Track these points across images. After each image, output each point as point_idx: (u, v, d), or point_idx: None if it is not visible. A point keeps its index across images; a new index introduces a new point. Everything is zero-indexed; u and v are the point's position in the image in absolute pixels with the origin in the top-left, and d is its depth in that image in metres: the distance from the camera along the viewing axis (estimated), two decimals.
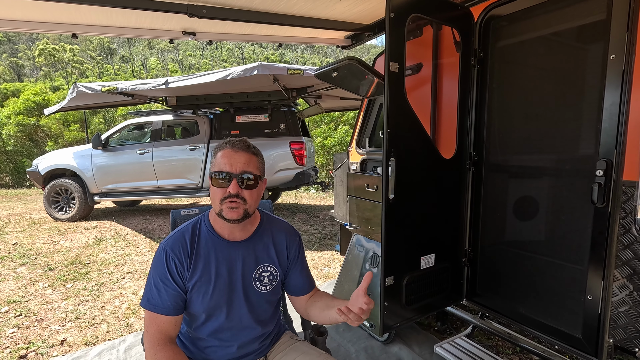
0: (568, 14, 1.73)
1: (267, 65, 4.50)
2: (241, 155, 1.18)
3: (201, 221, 1.27)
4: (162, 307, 1.15)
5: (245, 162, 1.18)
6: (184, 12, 2.32)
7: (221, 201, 1.17)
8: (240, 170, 1.16)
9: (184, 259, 1.18)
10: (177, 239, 1.21)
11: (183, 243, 1.20)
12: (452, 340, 2.25)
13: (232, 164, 1.16)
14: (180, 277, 1.17)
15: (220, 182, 1.16)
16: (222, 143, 1.22)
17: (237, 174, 1.16)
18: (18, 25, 2.65)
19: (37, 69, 55.62)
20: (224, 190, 1.16)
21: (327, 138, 12.22)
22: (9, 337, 2.57)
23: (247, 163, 1.18)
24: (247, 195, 1.17)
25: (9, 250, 4.52)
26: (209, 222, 1.26)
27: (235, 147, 1.19)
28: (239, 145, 1.19)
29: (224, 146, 1.20)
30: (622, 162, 1.52)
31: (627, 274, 1.58)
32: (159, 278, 1.17)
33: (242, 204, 1.17)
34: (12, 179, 13.33)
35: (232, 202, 1.16)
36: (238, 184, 1.16)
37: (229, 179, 1.16)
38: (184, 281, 1.18)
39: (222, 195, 1.16)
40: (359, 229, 2.72)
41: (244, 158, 1.18)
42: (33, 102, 14.51)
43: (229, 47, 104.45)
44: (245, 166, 1.17)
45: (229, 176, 1.16)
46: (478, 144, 2.15)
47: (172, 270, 1.17)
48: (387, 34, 1.71)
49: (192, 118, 6.28)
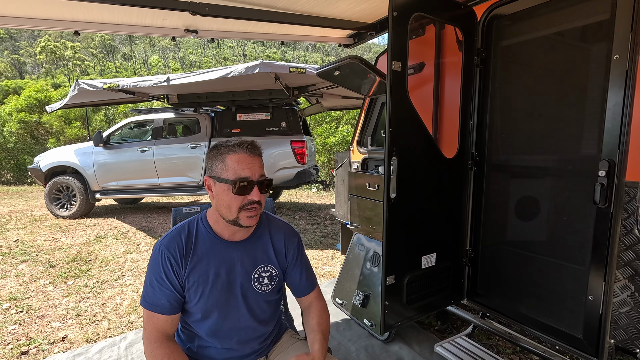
0: (571, 13, 1.72)
1: (269, 63, 4.49)
2: (257, 160, 1.16)
3: (198, 221, 1.26)
4: (158, 306, 1.15)
5: (261, 166, 1.17)
6: (186, 9, 2.32)
7: (240, 209, 1.14)
8: (259, 176, 1.15)
9: (180, 258, 1.17)
10: (172, 238, 1.20)
11: (179, 242, 1.19)
12: (453, 339, 2.25)
13: (252, 169, 1.13)
14: (176, 277, 1.17)
15: (242, 190, 1.12)
16: (230, 146, 1.14)
17: (258, 181, 1.14)
18: (20, 22, 2.65)
19: (39, 66, 55.66)
20: (244, 198, 1.13)
21: (329, 137, 12.20)
22: (11, 334, 2.58)
23: (262, 167, 1.17)
24: (263, 199, 1.18)
25: (11, 247, 4.53)
26: (207, 223, 1.24)
27: (249, 151, 1.15)
28: (254, 151, 1.16)
29: (237, 150, 1.13)
30: (624, 162, 1.52)
31: (629, 275, 1.58)
32: (154, 277, 1.16)
33: (259, 208, 1.17)
34: (14, 176, 13.36)
35: (251, 209, 1.14)
36: (259, 189, 1.14)
37: (250, 186, 1.13)
38: (180, 280, 1.17)
39: (242, 202, 1.13)
40: (359, 228, 2.72)
41: (259, 162, 1.17)
42: (35, 99, 14.52)
43: (230, 45, 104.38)
44: (262, 170, 1.16)
45: (251, 183, 1.13)
46: (480, 143, 2.14)
47: (167, 270, 1.16)
48: (389, 33, 1.70)
49: (193, 116, 6.27)
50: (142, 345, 1.15)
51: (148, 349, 1.13)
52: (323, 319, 1.33)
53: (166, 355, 1.11)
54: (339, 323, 2.65)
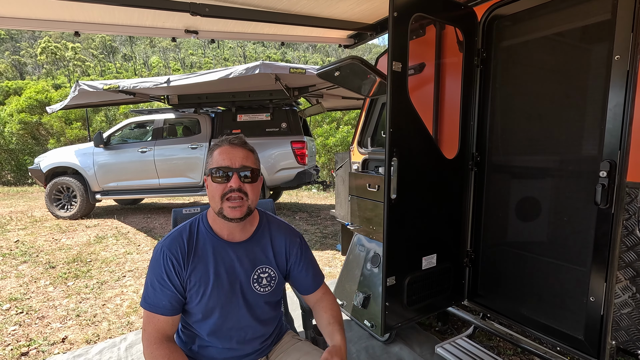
0: (572, 14, 1.72)
1: (269, 64, 4.49)
2: (239, 151, 1.18)
3: (199, 221, 1.26)
4: (159, 307, 1.15)
5: (243, 156, 1.18)
6: (187, 10, 2.32)
7: (222, 198, 1.15)
8: (239, 165, 1.16)
9: (182, 259, 1.18)
10: (174, 239, 1.20)
11: (180, 243, 1.19)
12: (453, 340, 2.24)
13: (231, 159, 1.16)
14: (177, 277, 1.17)
15: (221, 178, 1.15)
16: (218, 141, 1.22)
17: (237, 168, 1.16)
18: (21, 22, 2.65)
19: (39, 66, 55.74)
20: (225, 186, 1.15)
21: (329, 137, 12.20)
22: (11, 335, 2.58)
23: (245, 158, 1.18)
24: (249, 190, 1.17)
25: (11, 248, 4.53)
26: (207, 223, 1.25)
27: (232, 143, 1.19)
28: (236, 141, 1.20)
29: (221, 144, 1.20)
30: (626, 163, 1.51)
31: (630, 276, 1.57)
32: (156, 278, 1.16)
33: (245, 200, 1.17)
34: (14, 177, 13.36)
35: (234, 199, 1.15)
36: (239, 178, 1.15)
37: (229, 174, 1.15)
38: (182, 281, 1.17)
39: (223, 191, 1.15)
40: (360, 229, 2.72)
41: (242, 153, 1.18)
42: (35, 100, 14.54)
43: (230, 46, 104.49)
44: (244, 161, 1.17)
45: (230, 171, 1.15)
46: (480, 144, 2.14)
47: (169, 271, 1.16)
48: (390, 34, 1.70)
49: (193, 117, 6.28)
50: (142, 346, 1.14)
51: (148, 350, 1.13)
52: (335, 310, 1.34)
53: (166, 356, 1.11)
54: None
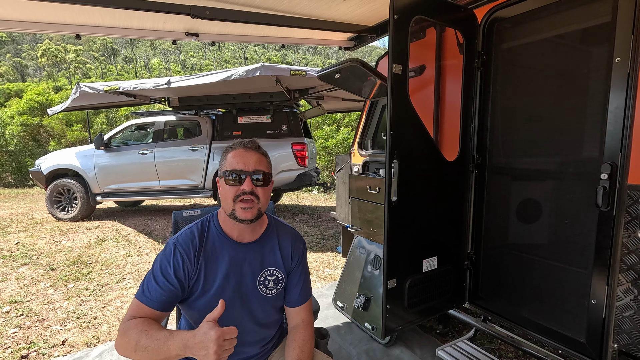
0: (573, 16, 1.72)
1: (270, 66, 4.50)
2: (253, 155, 1.20)
3: (210, 220, 1.28)
4: (152, 300, 1.13)
5: (257, 160, 1.20)
6: (187, 13, 2.32)
7: (234, 200, 1.17)
8: (253, 169, 1.18)
9: (192, 256, 1.19)
10: (187, 237, 1.21)
11: (193, 241, 1.21)
12: (454, 343, 2.23)
13: (245, 162, 1.18)
14: (184, 274, 1.17)
15: (234, 181, 1.17)
16: (232, 144, 1.24)
17: (251, 172, 1.18)
18: (22, 25, 2.66)
19: (40, 69, 55.90)
20: (237, 189, 1.17)
21: (329, 139, 12.22)
22: (11, 337, 2.57)
23: (259, 162, 1.20)
24: (260, 193, 1.19)
25: (11, 250, 4.53)
26: (217, 223, 1.27)
27: (246, 146, 1.21)
28: (251, 145, 1.22)
29: (235, 147, 1.22)
30: (627, 165, 1.51)
31: (632, 279, 1.57)
32: (161, 271, 1.16)
33: (256, 203, 1.18)
34: (15, 179, 13.37)
35: (246, 201, 1.17)
36: (252, 181, 1.17)
37: (242, 177, 1.17)
38: (188, 279, 1.18)
39: (235, 193, 1.17)
40: (360, 231, 2.71)
41: (255, 157, 1.20)
42: (36, 102, 14.60)
43: (231, 48, 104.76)
44: (257, 164, 1.19)
45: (243, 174, 1.17)
46: (481, 146, 2.14)
47: (177, 266, 1.16)
48: (390, 36, 1.70)
49: (194, 119, 6.28)
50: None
51: (121, 327, 1.09)
52: (306, 352, 1.24)
53: (140, 323, 1.08)
54: (340, 326, 2.64)
